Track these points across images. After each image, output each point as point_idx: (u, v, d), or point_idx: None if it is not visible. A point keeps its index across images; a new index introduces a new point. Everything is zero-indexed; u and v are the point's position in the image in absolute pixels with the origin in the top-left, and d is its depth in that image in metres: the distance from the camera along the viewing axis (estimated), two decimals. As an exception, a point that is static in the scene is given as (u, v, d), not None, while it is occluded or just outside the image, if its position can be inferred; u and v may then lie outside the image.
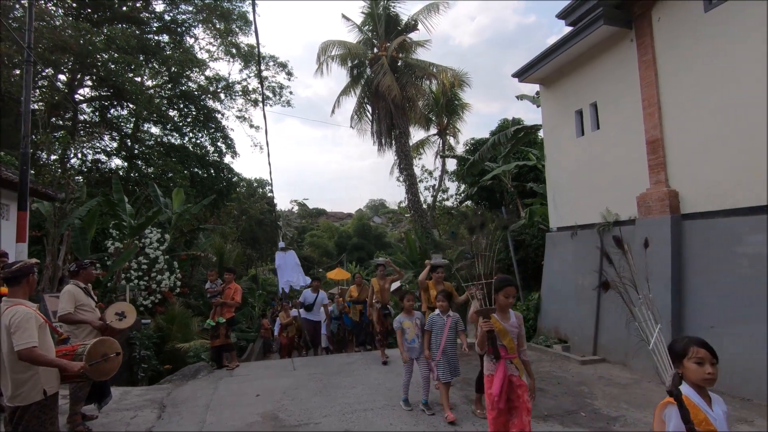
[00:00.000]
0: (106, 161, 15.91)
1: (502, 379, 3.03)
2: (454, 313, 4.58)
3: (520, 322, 3.28)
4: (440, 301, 4.58)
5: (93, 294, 4.79)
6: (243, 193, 24.90)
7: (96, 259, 8.74)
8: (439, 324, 4.51)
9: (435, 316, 4.54)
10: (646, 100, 6.39)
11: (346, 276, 17.90)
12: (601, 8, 6.51)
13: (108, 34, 13.14)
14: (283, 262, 9.32)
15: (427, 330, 4.56)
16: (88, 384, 4.31)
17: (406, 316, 4.87)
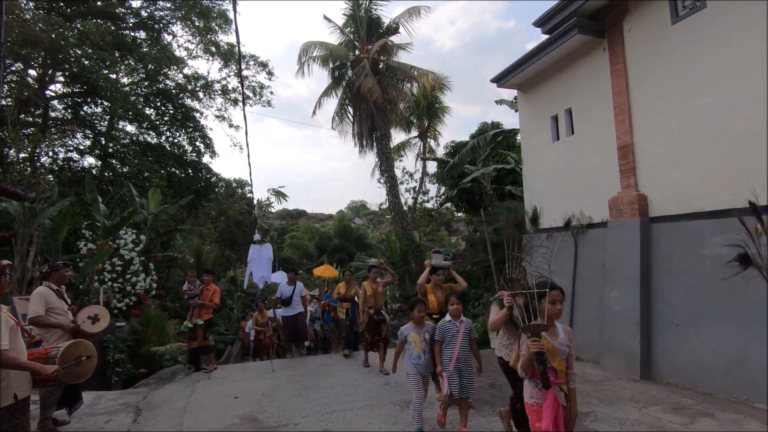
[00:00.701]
0: (78, 160, 15.44)
1: (554, 410, 2.55)
2: (466, 318, 4.07)
3: (570, 337, 2.80)
4: (453, 304, 4.03)
5: (66, 296, 4.68)
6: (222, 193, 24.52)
7: (68, 261, 8.50)
8: (452, 331, 3.93)
9: (446, 323, 3.98)
10: (617, 107, 6.64)
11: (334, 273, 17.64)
12: (575, 18, 6.74)
13: (81, 29, 12.77)
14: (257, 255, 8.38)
15: (438, 339, 3.97)
16: (60, 388, 4.21)
17: (414, 327, 4.17)
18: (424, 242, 19.19)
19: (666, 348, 5.61)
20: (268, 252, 8.44)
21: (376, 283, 6.63)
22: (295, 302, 8.18)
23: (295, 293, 8.18)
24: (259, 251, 8.31)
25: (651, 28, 6.15)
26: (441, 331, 3.97)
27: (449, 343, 3.91)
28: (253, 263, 8.38)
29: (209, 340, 7.08)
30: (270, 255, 8.44)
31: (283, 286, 8.33)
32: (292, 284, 8.30)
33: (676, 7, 5.82)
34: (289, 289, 8.21)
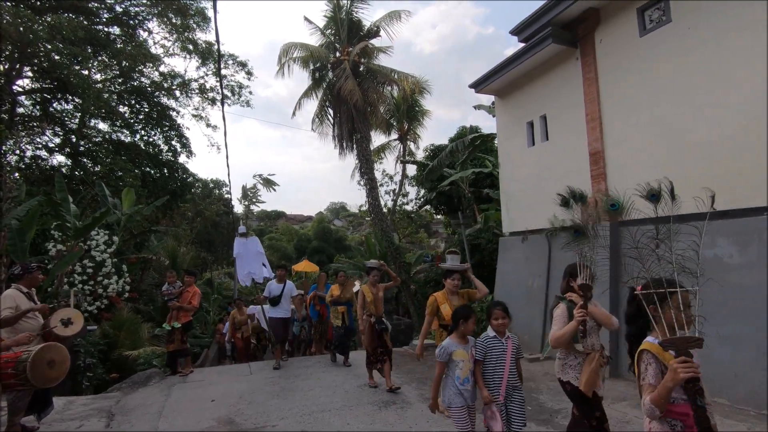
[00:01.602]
0: (47, 158, 14.90)
1: None
2: (512, 333, 3.36)
3: None
4: (498, 318, 3.23)
5: (36, 300, 4.55)
6: (198, 194, 24.07)
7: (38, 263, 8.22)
8: (498, 350, 3.21)
9: (490, 340, 3.25)
10: (589, 115, 6.90)
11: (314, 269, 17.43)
12: (550, 28, 6.98)
13: (52, 23, 12.36)
14: (243, 250, 7.44)
15: (479, 359, 3.24)
16: (29, 393, 4.09)
17: (457, 342, 3.31)
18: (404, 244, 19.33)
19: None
20: (256, 246, 7.64)
21: (377, 287, 5.87)
22: (284, 302, 7.41)
23: (284, 292, 7.36)
24: (245, 245, 7.50)
25: (620, 39, 6.43)
26: (483, 349, 3.22)
27: (496, 366, 3.19)
28: (240, 259, 7.56)
29: (187, 343, 6.96)
30: (259, 249, 7.63)
31: (271, 284, 7.46)
32: (282, 282, 7.43)
33: (644, 21, 6.10)
34: (278, 288, 7.35)
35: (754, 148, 4.78)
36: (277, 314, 7.35)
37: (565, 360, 3.12)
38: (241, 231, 7.74)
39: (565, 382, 3.10)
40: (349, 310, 6.99)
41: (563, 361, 3.13)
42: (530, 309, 7.80)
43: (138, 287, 11.63)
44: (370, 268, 6.07)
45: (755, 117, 4.78)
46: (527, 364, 6.79)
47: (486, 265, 10.86)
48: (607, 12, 6.63)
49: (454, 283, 4.33)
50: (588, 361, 2.94)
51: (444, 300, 4.29)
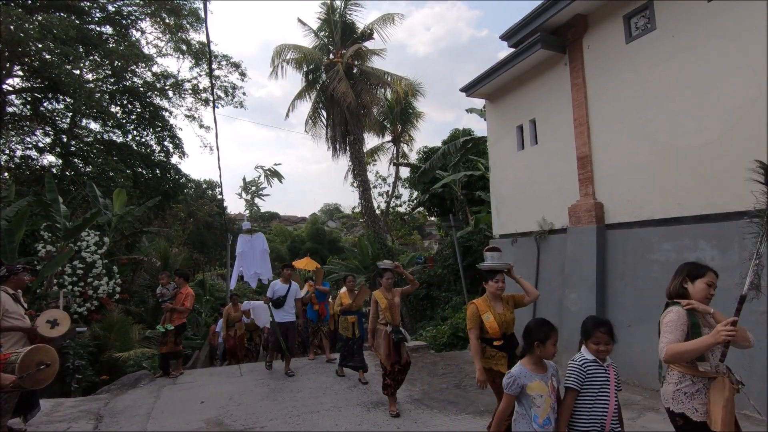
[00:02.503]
0: (37, 158, 14.79)
1: None
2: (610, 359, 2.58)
3: None
4: (601, 342, 2.47)
5: (22, 301, 4.55)
6: (191, 194, 23.96)
7: (25, 264, 8.17)
8: (600, 379, 2.46)
9: (591, 364, 2.48)
10: (577, 119, 7.00)
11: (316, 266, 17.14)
12: (539, 33, 7.07)
13: (43, 22, 12.28)
14: (248, 248, 6.80)
15: (572, 388, 2.45)
16: (16, 395, 4.09)
17: (532, 369, 2.53)
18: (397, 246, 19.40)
19: (618, 347, 5.90)
20: (261, 243, 7.00)
21: (391, 292, 5.07)
22: (289, 305, 6.70)
23: (289, 294, 6.69)
24: (250, 242, 6.88)
25: (607, 46, 6.54)
26: (581, 377, 2.45)
27: (596, 401, 2.43)
28: (243, 257, 6.91)
29: (180, 346, 6.95)
30: (264, 247, 7.01)
31: (275, 284, 6.79)
32: (287, 282, 6.76)
33: (630, 28, 6.22)
34: (283, 288, 6.67)
35: (735, 153, 4.90)
36: (282, 317, 6.65)
37: (678, 385, 2.40)
38: (245, 227, 7.13)
39: (678, 414, 2.37)
40: (360, 320, 6.35)
41: (676, 386, 2.41)
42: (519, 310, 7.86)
43: (129, 289, 11.58)
44: (382, 270, 5.17)
45: (736, 122, 4.90)
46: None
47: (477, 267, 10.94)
48: (594, 19, 6.74)
49: (497, 286, 3.61)
50: (717, 389, 2.28)
51: (486, 308, 3.53)
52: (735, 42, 4.93)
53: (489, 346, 3.49)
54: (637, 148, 6.08)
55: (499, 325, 3.47)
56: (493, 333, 3.44)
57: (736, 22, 4.91)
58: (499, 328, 3.46)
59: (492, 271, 3.71)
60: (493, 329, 3.45)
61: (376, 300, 4.97)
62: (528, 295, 3.77)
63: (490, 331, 3.46)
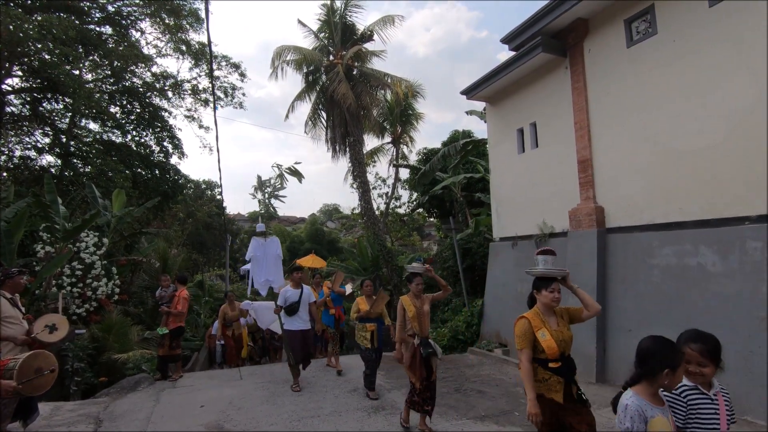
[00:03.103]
0: (36, 158, 14.74)
1: None
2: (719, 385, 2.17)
3: None
4: (694, 361, 2.10)
5: (20, 304, 4.52)
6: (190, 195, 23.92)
7: (24, 266, 8.14)
8: (706, 411, 2.07)
9: (692, 393, 2.09)
10: (577, 123, 7.01)
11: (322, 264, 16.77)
12: (540, 37, 7.08)
13: (42, 22, 12.25)
14: (261, 252, 6.30)
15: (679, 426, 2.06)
16: (15, 400, 4.06)
17: (651, 401, 2.00)
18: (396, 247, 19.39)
19: (619, 352, 5.96)
20: (275, 248, 6.43)
21: (421, 298, 4.54)
22: (303, 311, 6.14)
23: (303, 299, 6.14)
24: (263, 247, 6.32)
25: (608, 50, 6.55)
26: (690, 407, 2.07)
27: None
28: (256, 263, 6.38)
29: (178, 349, 6.93)
30: (278, 252, 6.46)
31: (286, 290, 6.28)
32: (299, 287, 6.21)
33: (631, 32, 6.23)
34: (295, 294, 6.12)
35: (736, 157, 4.91)
36: (295, 326, 6.04)
37: None
38: (259, 229, 6.49)
39: None
40: (379, 328, 5.72)
41: None
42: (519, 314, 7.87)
43: (128, 290, 11.54)
44: (412, 275, 4.61)
45: (737, 127, 4.91)
46: (516, 369, 6.85)
47: (477, 269, 10.94)
48: (595, 23, 6.75)
49: (553, 297, 3.03)
50: None
51: (540, 323, 2.99)
52: (736, 46, 4.94)
53: (542, 367, 2.91)
54: (637, 152, 6.08)
55: (558, 344, 2.88)
56: (551, 353, 2.86)
57: (737, 27, 4.92)
58: (558, 348, 2.87)
59: (545, 278, 3.15)
60: (551, 349, 2.86)
61: (404, 307, 4.46)
62: (588, 309, 3.08)
63: (547, 351, 2.87)
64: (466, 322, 9.23)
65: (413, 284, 4.54)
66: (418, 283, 4.53)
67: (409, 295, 4.56)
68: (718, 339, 2.12)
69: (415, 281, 4.54)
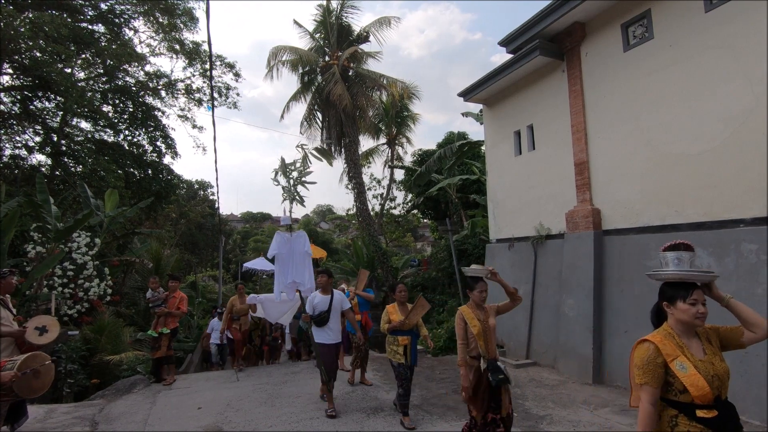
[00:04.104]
0: (27, 157, 14.53)
1: None
2: None
3: None
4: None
5: (11, 306, 4.45)
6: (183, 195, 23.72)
7: (14, 266, 8.01)
8: None
9: None
10: (574, 126, 7.06)
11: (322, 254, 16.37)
12: (537, 40, 7.13)
13: (34, 20, 12.08)
14: (286, 250, 5.20)
15: None
16: (6, 403, 3.99)
17: None
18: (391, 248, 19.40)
19: (616, 353, 6.01)
20: (303, 244, 5.32)
21: (485, 310, 3.61)
22: (333, 321, 5.15)
23: (333, 307, 5.14)
24: (289, 243, 5.22)
25: (605, 54, 6.61)
26: None
27: None
28: (281, 262, 5.23)
29: (173, 350, 6.85)
30: (306, 249, 5.35)
31: (314, 296, 5.24)
32: (328, 292, 5.20)
33: (628, 37, 6.30)
34: (324, 301, 5.14)
35: (731, 161, 4.98)
36: (325, 339, 5.10)
37: None
38: (284, 222, 5.43)
39: None
40: (414, 341, 4.81)
41: None
42: (515, 315, 7.91)
43: (120, 290, 11.42)
44: (473, 280, 3.64)
45: (733, 131, 4.98)
46: (513, 370, 6.89)
47: (472, 270, 10.97)
48: (592, 27, 6.81)
49: (696, 313, 2.06)
50: None
51: (675, 350, 2.01)
52: (732, 52, 5.01)
53: (685, 416, 1.92)
54: (634, 155, 6.14)
55: (709, 381, 1.89)
56: (700, 396, 1.86)
57: (733, 33, 5.00)
58: (710, 388, 1.87)
59: (681, 284, 2.09)
60: (700, 389, 1.87)
61: (464, 321, 3.54)
62: (753, 328, 2.09)
63: (693, 391, 1.88)
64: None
65: (476, 292, 3.60)
66: (481, 290, 3.61)
67: (469, 305, 3.68)
68: None
69: (477, 288, 3.60)
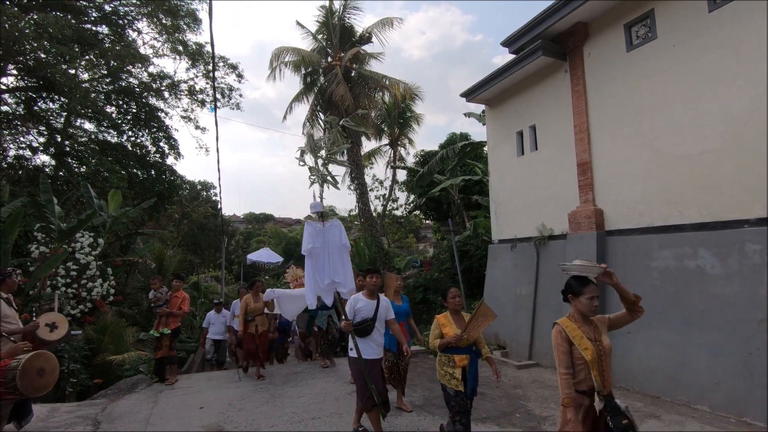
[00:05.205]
0: (30, 157, 14.61)
1: None
2: None
3: None
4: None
5: (14, 304, 4.49)
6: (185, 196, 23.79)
7: (18, 266, 8.04)
8: None
9: None
10: (577, 126, 7.05)
11: None
12: (540, 40, 7.13)
13: (39, 21, 12.16)
14: (320, 242, 4.38)
15: None
16: (11, 402, 4.01)
17: None
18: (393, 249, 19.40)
19: (618, 354, 5.96)
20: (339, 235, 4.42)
21: (593, 325, 2.69)
22: (378, 332, 4.23)
23: (380, 314, 4.23)
24: (323, 234, 4.35)
25: (608, 54, 6.60)
26: None
27: None
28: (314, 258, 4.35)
29: (175, 350, 6.86)
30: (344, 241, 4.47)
31: (357, 299, 4.26)
32: (374, 297, 4.30)
33: (631, 37, 6.28)
34: (370, 306, 4.22)
35: (734, 162, 4.96)
36: (371, 353, 4.16)
37: None
38: (315, 210, 4.42)
39: None
40: (474, 361, 3.67)
41: None
42: (518, 316, 7.90)
43: (123, 290, 11.45)
44: (577, 281, 2.71)
45: (736, 132, 4.96)
46: (515, 371, 6.87)
47: (475, 271, 10.96)
48: (595, 27, 6.80)
49: None
50: None
51: None
52: (735, 52, 4.99)
53: None
54: (637, 155, 6.13)
55: None
56: None
57: (736, 33, 4.98)
58: None
59: None
60: None
61: (568, 340, 2.58)
62: None
63: None
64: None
65: (584, 299, 2.61)
66: (592, 296, 2.59)
67: (570, 317, 2.68)
68: None
69: (586, 293, 2.59)
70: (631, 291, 2.67)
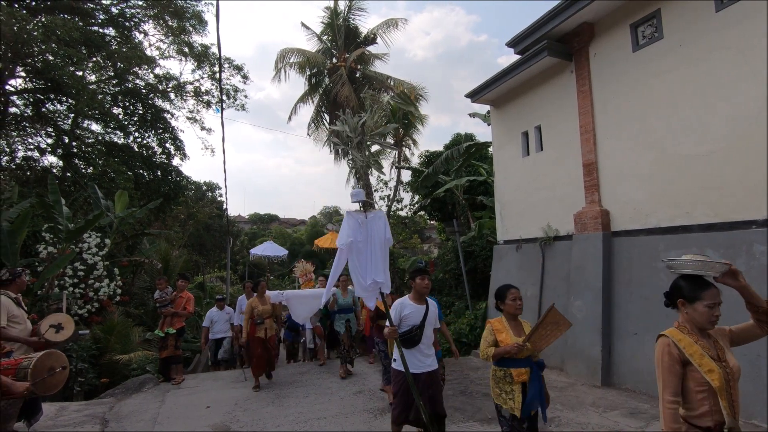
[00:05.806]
0: (38, 159, 14.76)
1: None
2: None
3: None
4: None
5: (23, 304, 4.53)
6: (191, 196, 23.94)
7: (26, 266, 8.13)
8: None
9: None
10: (583, 127, 7.03)
11: None
12: (545, 41, 7.11)
13: (46, 23, 12.29)
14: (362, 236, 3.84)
15: None
16: (21, 400, 4.05)
17: None
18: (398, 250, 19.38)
19: (625, 355, 5.96)
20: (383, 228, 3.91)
21: (713, 339, 2.14)
22: (427, 340, 3.73)
23: (428, 319, 3.72)
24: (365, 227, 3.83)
25: (614, 54, 6.57)
26: None
27: None
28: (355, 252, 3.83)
29: (180, 350, 6.90)
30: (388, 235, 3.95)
31: (403, 304, 3.75)
32: (422, 301, 3.78)
33: (637, 37, 6.26)
34: (418, 312, 3.70)
35: (741, 162, 4.92)
36: (418, 365, 3.64)
37: None
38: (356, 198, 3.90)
39: None
40: (536, 375, 3.14)
41: None
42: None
43: (129, 290, 11.54)
44: (690, 282, 2.12)
45: (742, 132, 4.93)
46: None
47: (480, 272, 10.94)
48: (601, 27, 6.78)
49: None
50: None
51: None
52: (741, 53, 4.96)
53: None
54: (643, 155, 6.10)
55: None
56: None
57: (743, 33, 4.95)
58: None
59: None
60: None
61: (680, 360, 2.02)
62: None
63: None
64: (469, 325, 9.23)
65: (701, 305, 2.05)
66: (712, 302, 2.04)
67: (681, 328, 2.13)
68: None
69: (705, 298, 2.05)
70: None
